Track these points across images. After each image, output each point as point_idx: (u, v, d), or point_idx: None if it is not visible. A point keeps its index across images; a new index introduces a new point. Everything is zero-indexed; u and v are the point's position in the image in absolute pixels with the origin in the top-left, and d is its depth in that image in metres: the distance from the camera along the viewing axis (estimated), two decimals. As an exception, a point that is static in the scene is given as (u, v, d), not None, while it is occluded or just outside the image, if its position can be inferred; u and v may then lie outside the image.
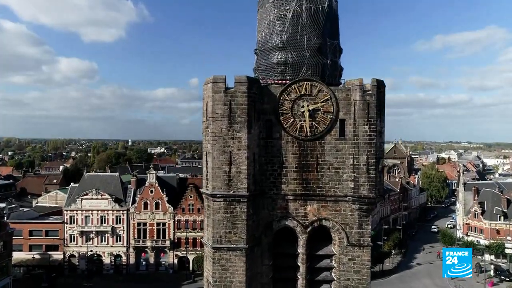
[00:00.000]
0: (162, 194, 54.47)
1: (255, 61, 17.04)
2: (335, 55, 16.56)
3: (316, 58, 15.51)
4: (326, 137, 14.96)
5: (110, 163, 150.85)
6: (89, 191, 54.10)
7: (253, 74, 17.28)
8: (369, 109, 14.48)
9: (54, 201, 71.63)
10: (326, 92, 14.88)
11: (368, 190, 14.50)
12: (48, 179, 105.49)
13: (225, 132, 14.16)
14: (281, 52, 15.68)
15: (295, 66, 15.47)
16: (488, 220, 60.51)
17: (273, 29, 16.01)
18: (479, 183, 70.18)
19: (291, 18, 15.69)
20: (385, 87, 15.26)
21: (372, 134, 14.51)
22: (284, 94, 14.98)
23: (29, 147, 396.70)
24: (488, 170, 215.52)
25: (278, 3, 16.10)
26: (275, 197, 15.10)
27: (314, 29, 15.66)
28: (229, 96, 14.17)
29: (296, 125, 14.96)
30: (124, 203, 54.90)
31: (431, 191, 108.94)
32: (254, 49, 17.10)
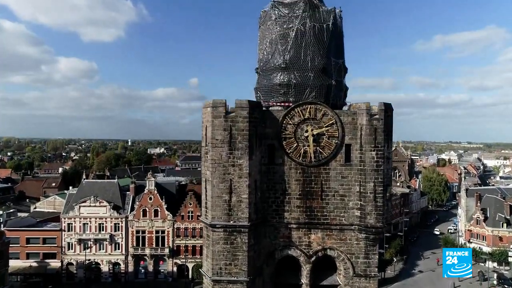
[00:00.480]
0: (161, 201, 53.79)
1: (256, 80, 16.36)
2: (340, 74, 15.89)
3: (320, 79, 14.83)
4: (331, 163, 14.31)
5: (109, 165, 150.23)
6: (87, 198, 53.40)
7: (254, 93, 16.63)
8: (376, 134, 13.82)
9: (52, 207, 70.91)
10: (331, 116, 14.21)
11: (375, 219, 13.84)
12: (47, 183, 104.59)
13: (225, 159, 13.49)
14: (283, 73, 15.00)
15: (299, 88, 14.79)
16: (491, 227, 59.88)
17: (275, 48, 15.33)
18: (481, 188, 69.57)
19: (294, 37, 15.01)
20: (393, 110, 14.58)
21: (379, 160, 13.85)
22: (287, 118, 14.32)
23: (28, 148, 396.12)
24: (488, 171, 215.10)
25: (280, 21, 15.42)
26: (278, 225, 14.45)
27: (318, 49, 14.98)
28: (229, 121, 13.49)
29: (300, 150, 14.32)
30: (123, 210, 54.21)
31: (432, 194, 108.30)
32: (256, 68, 16.41)
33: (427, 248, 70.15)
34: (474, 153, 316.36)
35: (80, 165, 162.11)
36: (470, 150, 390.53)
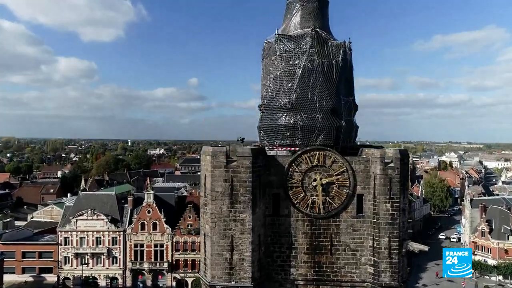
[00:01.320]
0: (159, 214, 52.58)
1: (259, 119, 15.16)
2: (350, 113, 14.69)
3: (329, 120, 13.63)
4: (341, 215, 13.14)
5: (109, 169, 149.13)
6: (84, 211, 52.19)
7: (257, 133, 15.47)
8: (391, 185, 12.63)
9: (50, 216, 69.87)
10: (342, 163, 13.03)
11: (390, 277, 12.67)
12: (45, 188, 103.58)
13: (226, 213, 12.31)
14: (289, 114, 13.81)
15: (306, 130, 13.60)
16: (496, 239, 58.69)
17: (280, 86, 14.13)
18: (486, 199, 68.36)
19: (300, 75, 13.81)
20: (409, 157, 13.40)
21: (394, 213, 12.66)
22: (294, 165, 13.14)
23: (28, 148, 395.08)
24: (489, 173, 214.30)
25: (286, 56, 14.20)
26: (283, 282, 13.26)
27: (327, 88, 13.78)
28: (230, 172, 12.30)
29: (307, 200, 13.16)
30: (121, 224, 53.00)
31: (434, 200, 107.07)
32: (259, 105, 15.19)
33: (431, 259, 68.87)
34: (474, 155, 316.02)
35: (79, 168, 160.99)
36: (471, 151, 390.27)
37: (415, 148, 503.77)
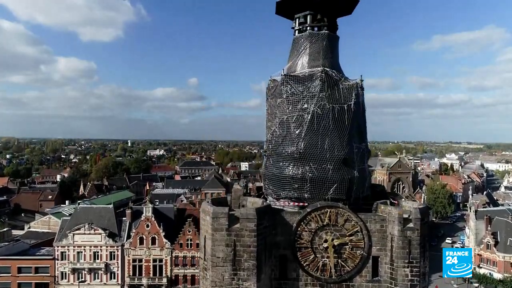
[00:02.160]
0: (158, 228, 51.41)
1: (263, 164, 14.00)
2: (363, 160, 13.51)
3: (341, 171, 12.45)
4: (355, 279, 11.97)
5: (108, 173, 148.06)
6: (81, 226, 51.01)
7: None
8: (410, 248, 11.46)
9: (47, 226, 68.86)
10: (356, 222, 11.85)
11: None
12: (43, 195, 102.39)
13: (228, 281, 11.13)
14: (297, 163, 12.63)
15: (315, 182, 12.41)
16: (502, 252, 57.54)
17: (287, 132, 12.94)
18: (491, 210, 67.13)
19: (309, 122, 12.61)
20: (429, 215, 12.22)
21: (414, 279, 11.49)
22: (302, 224, 11.96)
23: (27, 149, 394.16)
24: (491, 176, 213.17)
25: (293, 100, 13.00)
26: None
27: (338, 135, 12.59)
28: (233, 236, 11.12)
29: (318, 262, 11.99)
30: (119, 238, 51.83)
31: (437, 207, 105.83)
32: (263, 150, 14.06)
33: (434, 271, 67.41)
34: (475, 157, 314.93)
35: (78, 172, 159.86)
36: (471, 152, 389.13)
37: (415, 149, 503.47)
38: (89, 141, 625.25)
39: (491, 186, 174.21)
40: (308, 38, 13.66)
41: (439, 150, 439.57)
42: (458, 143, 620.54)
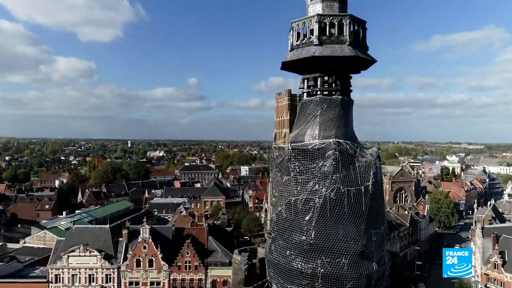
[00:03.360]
0: (156, 250, 49.79)
1: (267, 247, 12.37)
2: (382, 247, 11.86)
3: (357, 266, 10.81)
4: None
5: (107, 179, 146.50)
6: (76, 247, 49.42)
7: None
8: None
9: (43, 242, 67.51)
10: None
11: None
12: (40, 204, 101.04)
13: None
14: (306, 256, 10.99)
15: (328, 279, 10.76)
16: (510, 273, 55.81)
17: (295, 216, 11.31)
18: (498, 227, 65.36)
19: (321, 207, 10.97)
20: None
21: None
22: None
23: (27, 151, 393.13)
24: (493, 180, 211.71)
25: (303, 179, 11.37)
26: None
27: (354, 223, 10.96)
28: None
29: None
30: (115, 260, 50.21)
31: (440, 216, 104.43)
32: (268, 232, 12.43)
33: (440, 286, 66.20)
34: (476, 159, 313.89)
35: (76, 178, 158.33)
36: (472, 154, 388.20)
37: (415, 150, 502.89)
38: (89, 141, 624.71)
39: (493, 192, 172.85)
40: (318, 105, 12.05)
41: (439, 152, 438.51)
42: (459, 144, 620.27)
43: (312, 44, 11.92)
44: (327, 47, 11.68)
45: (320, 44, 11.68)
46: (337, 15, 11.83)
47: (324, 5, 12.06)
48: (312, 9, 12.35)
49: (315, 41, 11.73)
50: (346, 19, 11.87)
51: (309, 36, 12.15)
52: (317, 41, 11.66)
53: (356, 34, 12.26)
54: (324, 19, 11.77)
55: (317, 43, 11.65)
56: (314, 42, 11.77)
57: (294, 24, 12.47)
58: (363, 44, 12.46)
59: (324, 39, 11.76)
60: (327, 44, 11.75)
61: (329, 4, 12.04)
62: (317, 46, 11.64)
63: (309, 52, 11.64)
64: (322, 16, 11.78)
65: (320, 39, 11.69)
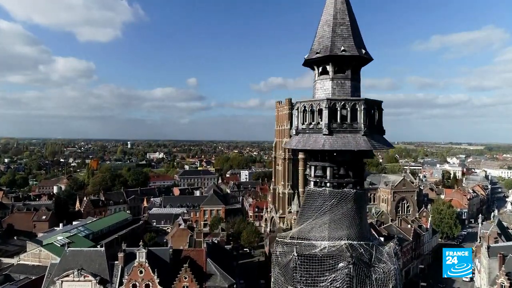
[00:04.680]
0: (152, 275, 48.23)
1: None
2: None
3: None
4: None
5: (105, 185, 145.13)
6: (70, 272, 47.89)
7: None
8: None
9: (38, 259, 66.03)
10: None
11: None
12: (37, 215, 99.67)
13: None
14: None
15: None
16: (517, 295, 54.42)
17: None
18: (504, 246, 63.84)
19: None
20: None
21: None
22: None
23: (26, 152, 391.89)
24: (495, 183, 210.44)
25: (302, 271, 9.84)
26: None
27: None
28: None
29: None
30: (110, 285, 48.67)
31: (443, 227, 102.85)
32: None
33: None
34: (477, 162, 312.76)
35: (75, 184, 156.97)
36: (472, 156, 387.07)
37: (416, 151, 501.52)
38: (88, 142, 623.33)
39: (495, 197, 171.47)
40: (328, 199, 10.51)
41: (440, 153, 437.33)
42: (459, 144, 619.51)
43: (321, 132, 10.40)
44: (339, 137, 10.17)
45: (330, 133, 10.17)
46: (350, 99, 10.30)
47: (334, 84, 10.53)
48: (320, 86, 10.80)
49: (324, 130, 10.21)
50: (361, 104, 10.33)
51: (317, 120, 10.62)
52: (326, 130, 10.14)
53: (371, 118, 10.73)
54: (335, 104, 10.26)
55: (326, 133, 10.13)
56: (323, 131, 10.25)
57: (299, 105, 10.92)
58: (379, 128, 10.94)
59: (334, 127, 10.24)
60: (338, 133, 10.23)
61: (340, 83, 10.51)
62: (327, 135, 10.13)
63: (317, 143, 10.11)
64: (333, 101, 10.27)
65: (330, 127, 10.18)
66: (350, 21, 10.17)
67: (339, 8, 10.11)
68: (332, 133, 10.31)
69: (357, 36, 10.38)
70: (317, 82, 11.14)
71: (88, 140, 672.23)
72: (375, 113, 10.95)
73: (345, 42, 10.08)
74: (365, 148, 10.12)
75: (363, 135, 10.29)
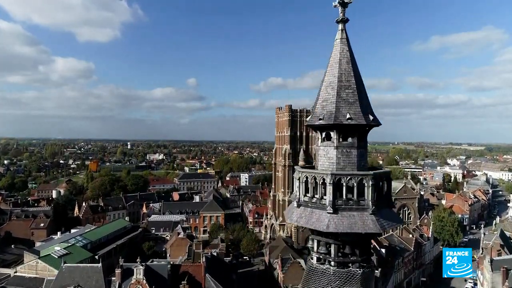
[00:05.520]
0: (150, 292, 47.54)
1: None
2: None
3: None
4: None
5: (104, 190, 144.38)
6: (66, 289, 47.20)
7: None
8: None
9: (35, 271, 65.28)
10: None
11: None
12: (35, 223, 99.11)
13: None
14: None
15: None
16: (521, 311, 53.65)
17: None
18: (508, 259, 63.11)
19: None
20: None
21: None
22: None
23: (26, 154, 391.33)
24: (495, 186, 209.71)
25: None
26: None
27: None
28: None
29: None
30: (107, 302, 48.02)
31: (444, 235, 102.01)
32: None
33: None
34: (477, 164, 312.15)
35: (74, 188, 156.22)
36: (473, 157, 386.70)
37: (416, 152, 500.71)
38: (88, 142, 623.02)
39: (497, 202, 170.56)
40: (332, 280, 9.66)
41: (440, 154, 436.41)
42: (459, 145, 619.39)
43: (324, 208, 9.57)
44: (344, 216, 9.34)
45: (335, 212, 9.35)
46: (356, 174, 9.47)
47: (338, 153, 9.69)
48: (324, 153, 9.95)
49: (328, 208, 9.38)
50: (368, 179, 9.50)
51: (320, 193, 9.78)
52: (331, 209, 9.30)
53: (379, 191, 9.91)
54: (340, 178, 9.44)
55: (331, 212, 9.30)
56: (327, 209, 9.42)
57: (301, 175, 10.08)
58: (387, 201, 10.11)
59: (340, 204, 9.42)
60: (344, 211, 9.41)
61: (346, 152, 9.66)
62: (332, 214, 9.30)
63: (321, 223, 9.27)
64: (338, 176, 9.44)
65: (335, 204, 9.35)
66: (356, 83, 9.35)
67: (344, 69, 9.29)
68: (337, 211, 9.48)
69: (364, 99, 9.56)
70: (320, 148, 10.32)
71: (88, 141, 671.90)
72: (384, 185, 10.14)
73: (351, 108, 9.25)
74: (374, 231, 9.29)
75: (371, 213, 9.47)
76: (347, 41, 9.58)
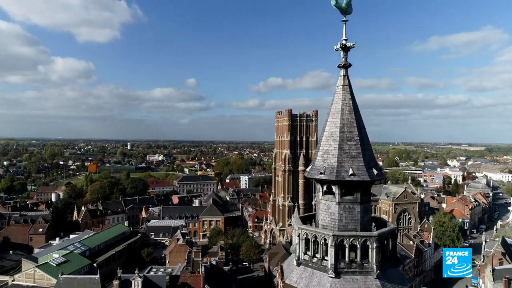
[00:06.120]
0: (149, 304, 47.08)
1: None
2: None
3: None
4: None
5: (103, 194, 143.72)
6: (64, 301, 46.69)
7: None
8: None
9: (33, 280, 64.82)
10: None
11: None
12: (34, 228, 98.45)
13: None
14: None
15: None
16: (523, 322, 53.14)
17: None
18: (509, 268, 62.55)
19: None
20: None
21: None
22: None
23: (25, 154, 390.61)
24: (495, 188, 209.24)
25: None
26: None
27: None
28: None
29: None
30: (105, 314, 47.51)
31: (445, 241, 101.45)
32: None
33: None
34: (477, 165, 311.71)
35: (73, 192, 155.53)
36: (473, 158, 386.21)
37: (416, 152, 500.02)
38: (88, 142, 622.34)
39: (497, 204, 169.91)
40: None
41: (440, 155, 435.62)
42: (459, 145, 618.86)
43: (326, 272, 8.99)
44: (347, 280, 8.74)
45: (337, 276, 8.76)
46: (360, 236, 8.88)
47: (340, 209, 9.09)
48: (325, 207, 9.35)
49: (330, 271, 8.79)
50: (372, 241, 8.90)
51: (322, 253, 9.21)
52: (333, 273, 8.72)
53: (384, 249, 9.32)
54: (342, 240, 8.85)
55: (333, 276, 8.72)
56: (329, 273, 8.83)
57: (301, 232, 9.51)
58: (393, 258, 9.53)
59: (342, 267, 8.82)
60: (346, 275, 8.82)
61: (348, 208, 9.06)
62: (333, 278, 8.74)
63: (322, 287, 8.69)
64: (340, 237, 8.86)
65: (337, 267, 8.74)
66: (359, 135, 8.79)
67: (346, 119, 8.73)
68: (339, 275, 8.89)
69: (367, 151, 9.01)
70: (321, 202, 9.75)
71: (87, 141, 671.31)
72: (388, 243, 9.56)
73: (354, 163, 8.69)
74: (379, 299, 8.74)
75: (376, 278, 8.90)
76: (350, 88, 9.01)
